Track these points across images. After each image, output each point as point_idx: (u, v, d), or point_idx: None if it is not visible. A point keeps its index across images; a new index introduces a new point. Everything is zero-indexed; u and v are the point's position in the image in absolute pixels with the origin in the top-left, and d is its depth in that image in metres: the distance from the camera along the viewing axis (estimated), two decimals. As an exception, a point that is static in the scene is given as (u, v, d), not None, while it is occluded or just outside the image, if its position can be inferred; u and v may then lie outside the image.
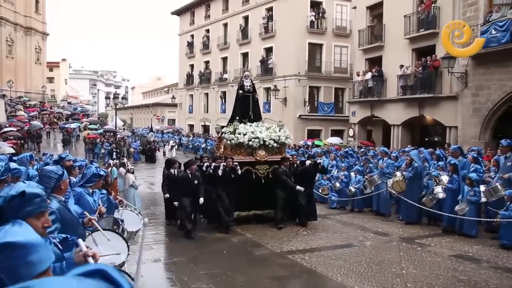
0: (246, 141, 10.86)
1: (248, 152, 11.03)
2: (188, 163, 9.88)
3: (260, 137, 10.96)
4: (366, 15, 22.86)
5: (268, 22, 31.15)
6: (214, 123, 38.33)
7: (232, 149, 11.13)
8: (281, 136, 11.36)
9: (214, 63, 38.34)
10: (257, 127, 11.30)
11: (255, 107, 12.39)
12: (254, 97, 12.27)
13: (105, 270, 1.00)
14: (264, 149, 11.04)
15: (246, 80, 12.28)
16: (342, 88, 30.11)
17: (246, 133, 11.02)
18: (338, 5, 30.04)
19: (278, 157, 11.14)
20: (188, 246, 9.03)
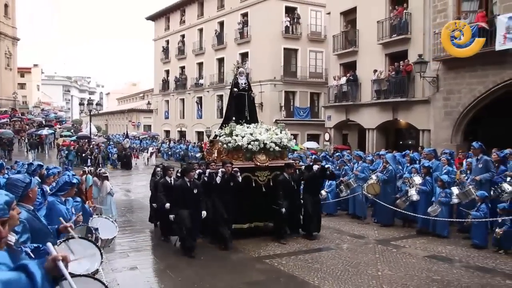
0: (245, 144, 9.69)
1: (247, 156, 9.86)
2: (186, 170, 8.71)
3: (260, 139, 9.81)
4: (340, 21, 23.18)
5: (244, 27, 31.27)
6: (190, 129, 38.17)
7: (229, 154, 10.00)
8: (283, 139, 10.22)
9: (190, 68, 38.20)
10: (256, 129, 10.20)
11: (252, 107, 11.25)
12: (250, 95, 11.17)
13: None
14: (264, 153, 9.91)
15: (241, 77, 11.16)
16: (317, 93, 30.42)
17: (244, 135, 9.85)
18: (312, 11, 30.41)
19: (280, 162, 10.08)
20: (165, 253, 8.93)
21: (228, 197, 8.98)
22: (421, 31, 17.96)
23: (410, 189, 10.37)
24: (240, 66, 11.60)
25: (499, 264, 7.70)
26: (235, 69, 11.35)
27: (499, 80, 14.61)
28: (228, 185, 8.93)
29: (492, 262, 7.80)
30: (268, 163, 9.91)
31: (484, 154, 10.03)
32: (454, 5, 16.24)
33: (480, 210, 8.70)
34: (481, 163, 9.86)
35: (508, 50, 13.75)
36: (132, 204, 15.53)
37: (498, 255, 8.24)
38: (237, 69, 11.30)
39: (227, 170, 8.92)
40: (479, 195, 8.87)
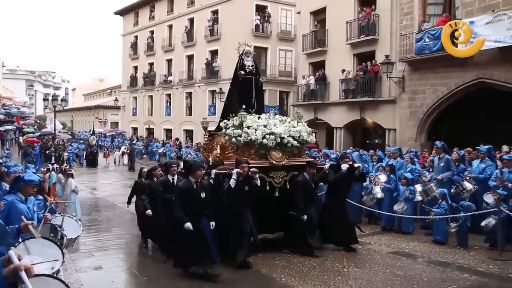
0: (259, 139, 8.09)
1: (261, 153, 8.22)
2: (193, 167, 6.91)
3: (276, 133, 8.25)
4: (310, 20, 23.39)
5: (214, 24, 31.11)
6: (159, 126, 37.70)
7: (238, 150, 8.35)
8: (302, 132, 8.62)
9: (159, 65, 37.72)
10: (269, 120, 8.55)
11: (259, 95, 9.66)
12: (258, 80, 9.62)
13: None
14: (280, 149, 8.34)
15: (247, 59, 9.52)
16: (286, 92, 30.60)
17: (258, 127, 8.21)
18: (283, 10, 30.56)
19: (298, 161, 8.57)
20: (131, 252, 8.82)
21: (241, 204, 7.36)
22: (388, 33, 18.34)
23: (375, 187, 10.60)
24: (246, 44, 9.89)
25: (458, 259, 7.99)
26: (239, 49, 9.68)
27: (460, 82, 15.09)
28: (242, 189, 7.33)
29: (452, 257, 8.09)
30: (285, 161, 8.28)
31: (446, 153, 10.36)
32: (420, 8, 16.68)
33: (441, 207, 8.98)
34: (443, 162, 10.18)
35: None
36: (98, 202, 15.22)
37: (457, 250, 8.55)
38: (242, 49, 9.65)
39: (243, 170, 7.28)
40: (439, 193, 9.15)
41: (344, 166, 8.45)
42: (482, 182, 9.55)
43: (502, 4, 13.53)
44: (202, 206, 6.82)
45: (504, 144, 11.42)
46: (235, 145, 8.38)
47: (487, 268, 7.45)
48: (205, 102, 32.01)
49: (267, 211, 8.12)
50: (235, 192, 7.29)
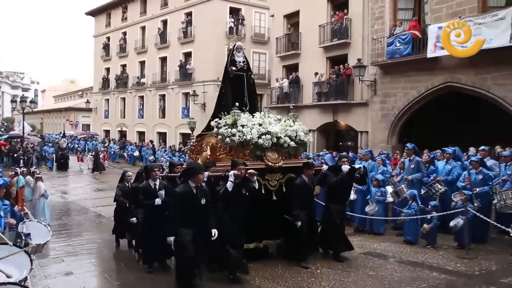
0: (254, 139, 7.62)
1: (256, 155, 7.73)
2: (194, 170, 6.34)
3: (272, 132, 7.83)
4: (284, 23, 23.55)
5: (187, 26, 30.94)
6: (131, 129, 37.21)
7: (231, 151, 7.79)
8: (299, 132, 8.25)
9: (132, 66, 37.23)
10: (264, 118, 8.11)
11: (251, 92, 9.10)
12: (250, 77, 9.12)
13: None
14: (276, 150, 7.88)
15: (238, 54, 9.04)
16: (260, 94, 30.53)
17: (253, 126, 7.74)
18: (257, 13, 30.66)
19: (294, 162, 8.12)
20: (103, 257, 8.67)
21: (239, 210, 6.78)
22: (360, 37, 18.64)
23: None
24: (236, 39, 9.41)
25: (428, 258, 8.18)
26: (229, 44, 9.34)
27: (430, 85, 15.47)
28: (240, 193, 6.77)
29: (422, 257, 8.27)
30: (281, 163, 7.81)
31: (416, 155, 10.60)
32: (391, 13, 17.03)
33: (412, 208, 9.17)
34: (413, 164, 10.42)
35: (438, 57, 14.62)
36: (68, 206, 14.90)
37: (427, 249, 8.75)
38: (233, 44, 9.21)
39: (240, 173, 6.74)
40: (410, 194, 9.35)
41: (345, 167, 7.90)
42: (450, 183, 9.82)
43: (468, 11, 13.96)
44: (202, 213, 6.25)
45: (472, 146, 11.77)
46: (228, 146, 7.75)
47: (455, 266, 7.67)
48: (178, 105, 31.78)
49: (261, 216, 7.50)
50: (232, 196, 6.68)
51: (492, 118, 14.51)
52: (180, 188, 6.37)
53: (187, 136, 31.00)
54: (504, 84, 13.29)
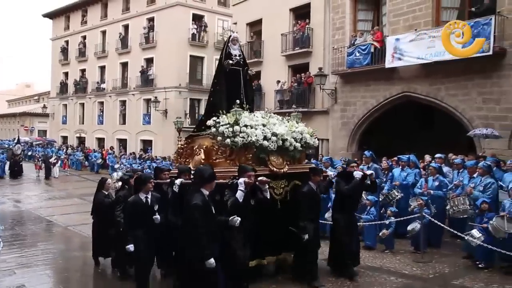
0: (260, 140, 6.71)
1: (261, 159, 6.82)
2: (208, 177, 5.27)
3: (279, 133, 7.00)
4: (246, 31, 23.68)
5: (149, 32, 30.62)
6: (90, 135, 36.28)
7: (234, 155, 6.82)
8: (304, 133, 7.47)
9: (91, 71, 36.38)
10: (267, 118, 7.31)
11: (248, 89, 8.22)
12: (246, 73, 8.15)
13: None
14: (279, 154, 7.03)
15: (234, 47, 8.11)
16: (223, 101, 30.65)
17: (257, 126, 6.88)
18: (219, 20, 30.75)
19: (300, 168, 7.35)
20: (58, 268, 8.37)
21: (247, 222, 5.75)
22: (321, 46, 19.00)
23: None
24: (231, 30, 8.45)
25: (386, 263, 8.39)
26: (224, 35, 8.64)
27: (388, 94, 15.96)
28: (248, 203, 5.89)
29: (380, 261, 8.48)
30: (286, 168, 6.99)
31: (374, 163, 10.88)
32: (351, 24, 17.49)
33: (370, 213, 9.39)
34: (372, 171, 10.65)
35: (395, 68, 15.12)
36: (22, 215, 14.30)
37: (385, 254, 8.97)
38: (228, 36, 8.30)
39: (250, 180, 5.78)
40: (369, 200, 9.57)
41: (357, 173, 7.19)
42: (405, 189, 10.13)
43: (423, 24, 14.54)
44: (216, 227, 5.24)
45: (427, 153, 12.20)
46: (228, 148, 6.76)
47: (411, 270, 7.90)
48: (139, 111, 31.30)
49: (263, 229, 6.54)
50: (240, 208, 5.67)
51: (446, 126, 15.12)
52: (198, 198, 5.05)
53: (148, 142, 30.60)
54: (456, 95, 13.89)
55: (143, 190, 6.16)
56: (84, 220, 12.76)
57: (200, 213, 4.94)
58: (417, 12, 14.83)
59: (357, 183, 7.08)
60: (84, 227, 11.32)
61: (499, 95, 12.80)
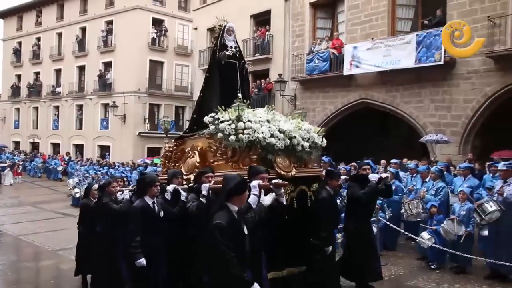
0: (267, 137, 5.80)
1: (268, 159, 5.87)
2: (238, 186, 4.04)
3: (286, 130, 6.09)
4: (207, 37, 23.65)
5: (108, 35, 30.00)
6: (45, 140, 35.01)
7: (237, 155, 5.85)
8: (312, 132, 6.56)
9: (46, 74, 35.15)
10: (275, 115, 6.41)
11: (245, 86, 7.38)
12: (243, 67, 7.32)
13: None
14: (286, 155, 6.11)
15: (229, 38, 7.22)
16: (182, 106, 30.46)
17: (262, 123, 5.96)
18: (180, 25, 30.54)
19: (310, 171, 6.54)
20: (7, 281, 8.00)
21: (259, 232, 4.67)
22: (281, 52, 19.22)
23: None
24: (225, 20, 7.42)
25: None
26: (217, 26, 7.39)
27: (346, 101, 16.33)
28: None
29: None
30: (293, 171, 6.02)
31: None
32: (310, 32, 17.82)
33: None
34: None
35: (353, 75, 15.51)
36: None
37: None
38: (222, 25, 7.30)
39: (264, 183, 4.73)
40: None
41: (373, 176, 6.45)
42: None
43: (379, 33, 15.01)
44: (248, 250, 4.05)
45: (384, 158, 12.55)
46: (230, 148, 5.82)
47: (368, 273, 8.05)
48: (97, 116, 30.52)
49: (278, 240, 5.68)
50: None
51: (401, 132, 15.64)
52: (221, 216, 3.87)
53: (106, 148, 29.88)
54: (410, 102, 14.39)
55: (148, 194, 5.43)
56: (38, 228, 12.34)
57: (225, 235, 3.77)
58: (373, 21, 15.30)
59: (374, 187, 6.30)
60: (37, 237, 10.93)
61: (450, 103, 13.38)
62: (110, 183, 6.77)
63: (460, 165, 10.27)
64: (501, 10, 12.22)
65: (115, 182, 6.92)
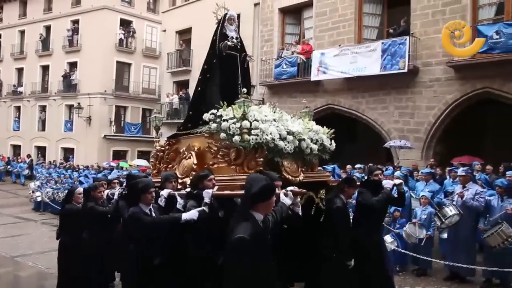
0: (276, 139, 5.19)
1: (276, 163, 5.28)
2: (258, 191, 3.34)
3: (295, 131, 5.52)
4: (176, 39, 23.50)
5: (73, 35, 29.32)
6: (4, 142, 33.76)
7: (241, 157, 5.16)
8: (320, 134, 6.04)
9: (7, 73, 33.96)
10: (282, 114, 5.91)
11: (246, 80, 6.58)
12: (244, 60, 6.57)
13: None
14: (293, 159, 5.53)
15: (230, 27, 6.50)
16: (150, 109, 30.02)
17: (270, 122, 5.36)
18: (148, 26, 30.23)
19: (318, 176, 6.02)
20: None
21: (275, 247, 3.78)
22: (249, 56, 19.27)
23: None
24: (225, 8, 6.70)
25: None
26: (217, 12, 6.69)
27: (313, 107, 16.42)
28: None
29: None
30: (301, 177, 5.51)
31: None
32: (279, 37, 18.00)
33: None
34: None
35: (320, 81, 15.73)
36: None
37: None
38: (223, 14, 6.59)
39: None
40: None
41: (387, 182, 5.87)
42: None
43: (346, 40, 15.30)
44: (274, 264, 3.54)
45: (349, 164, 12.80)
46: (234, 149, 5.18)
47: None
48: (61, 117, 29.70)
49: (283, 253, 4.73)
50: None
51: (367, 138, 15.95)
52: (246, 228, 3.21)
53: (69, 150, 29.12)
54: (375, 108, 14.72)
55: (142, 201, 4.80)
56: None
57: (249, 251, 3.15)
58: (341, 29, 15.58)
59: (389, 194, 5.73)
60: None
61: (413, 109, 13.76)
62: (96, 187, 6.29)
63: (422, 170, 10.58)
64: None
65: (102, 186, 6.41)
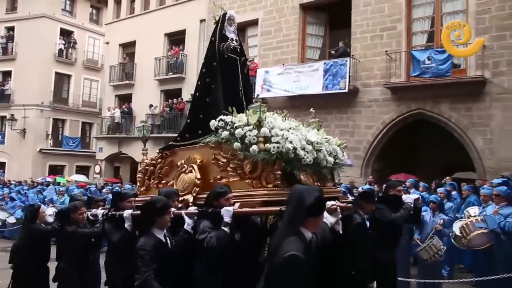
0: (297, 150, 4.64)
1: (294, 175, 4.75)
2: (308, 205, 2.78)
3: (314, 141, 5.02)
4: (119, 52, 22.96)
5: (8, 42, 27.89)
6: None
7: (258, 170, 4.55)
8: (334, 145, 5.53)
9: None
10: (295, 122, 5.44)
11: (247, 87, 6.17)
12: (245, 64, 6.01)
13: None
14: (307, 171, 4.97)
15: (230, 28, 5.89)
16: (90, 123, 29.08)
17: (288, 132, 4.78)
18: (90, 38, 29.44)
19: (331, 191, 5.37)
20: None
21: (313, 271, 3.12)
22: (195, 72, 19.08)
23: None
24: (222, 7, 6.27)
25: None
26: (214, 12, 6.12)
27: (257, 123, 16.63)
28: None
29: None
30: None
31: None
32: (224, 54, 18.02)
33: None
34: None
35: (264, 98, 15.84)
36: None
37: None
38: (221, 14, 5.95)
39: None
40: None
41: (408, 197, 5.55)
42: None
43: (290, 59, 15.61)
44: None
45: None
46: (250, 161, 4.54)
47: None
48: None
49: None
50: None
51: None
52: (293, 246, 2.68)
53: (1, 165, 27.32)
54: (317, 126, 15.01)
55: (157, 225, 3.86)
56: None
57: (302, 270, 2.67)
58: (285, 48, 15.88)
59: (410, 210, 5.36)
60: None
61: (353, 128, 14.18)
62: (77, 208, 5.23)
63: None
64: (396, 47, 13.34)
65: (83, 207, 5.33)
